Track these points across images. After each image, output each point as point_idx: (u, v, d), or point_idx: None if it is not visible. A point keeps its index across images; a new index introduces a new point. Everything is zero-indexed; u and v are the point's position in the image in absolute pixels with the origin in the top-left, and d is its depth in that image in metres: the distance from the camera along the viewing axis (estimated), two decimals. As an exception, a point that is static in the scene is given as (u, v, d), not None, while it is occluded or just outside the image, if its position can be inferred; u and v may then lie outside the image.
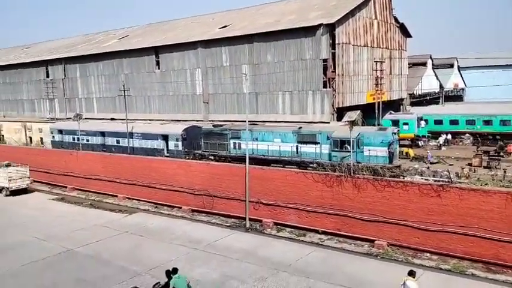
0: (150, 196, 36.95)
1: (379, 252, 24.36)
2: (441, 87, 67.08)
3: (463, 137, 44.53)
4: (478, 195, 22.16)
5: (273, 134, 33.23)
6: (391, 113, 48.01)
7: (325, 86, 39.16)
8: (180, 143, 38.72)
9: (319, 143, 30.89)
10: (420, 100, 60.54)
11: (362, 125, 38.97)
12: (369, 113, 43.66)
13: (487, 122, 43.70)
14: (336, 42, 38.85)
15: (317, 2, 47.02)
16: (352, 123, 37.04)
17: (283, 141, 32.55)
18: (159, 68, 51.63)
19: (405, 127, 43.24)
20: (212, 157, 35.82)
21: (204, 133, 37.15)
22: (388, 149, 28.44)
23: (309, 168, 29.69)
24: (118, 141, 43.61)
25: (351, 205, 26.43)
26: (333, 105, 39.05)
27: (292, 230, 28.46)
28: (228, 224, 30.68)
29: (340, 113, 40.41)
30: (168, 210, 34.89)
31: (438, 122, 46.86)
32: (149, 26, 66.49)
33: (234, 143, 35.06)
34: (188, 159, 36.32)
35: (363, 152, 29.09)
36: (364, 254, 24.44)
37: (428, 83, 63.33)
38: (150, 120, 50.82)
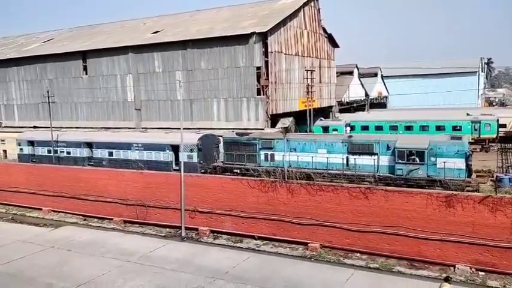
0: (78, 208, 35.06)
1: (312, 255, 25.08)
2: (366, 95, 70.83)
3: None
4: (402, 197, 23.64)
5: (316, 143, 29.17)
6: (321, 120, 49.86)
7: (259, 93, 39.79)
8: (195, 155, 32.90)
9: (376, 153, 27.16)
10: (348, 107, 63.42)
11: (295, 132, 40.06)
12: (300, 119, 44.99)
13: (408, 128, 46.70)
14: (269, 50, 39.69)
15: (250, 10, 47.78)
16: (286, 130, 38.05)
17: (329, 151, 28.49)
18: (86, 74, 49.41)
19: (335, 133, 45.02)
20: (238, 170, 30.87)
21: (226, 143, 32.41)
22: (466, 160, 25.08)
23: (365, 183, 26.14)
24: (111, 153, 37.30)
25: (286, 209, 26.98)
26: (267, 112, 39.75)
27: (229, 237, 28.43)
28: (162, 234, 29.96)
29: (273, 119, 41.25)
30: (98, 222, 33.33)
31: (365, 128, 49.20)
32: (76, 30, 63.47)
33: (266, 154, 30.57)
34: (204, 173, 31.98)
35: (435, 164, 25.24)
36: (298, 257, 25.03)
37: (354, 91, 66.57)
38: (76, 128, 48.38)
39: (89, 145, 39.16)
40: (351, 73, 67.28)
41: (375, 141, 27.55)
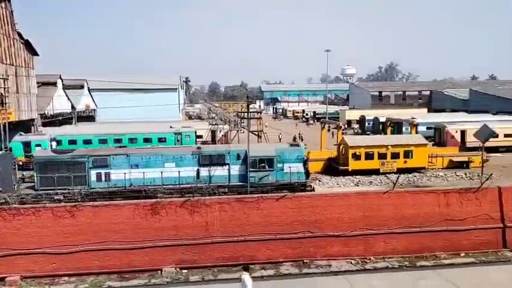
0: None
1: (11, 290, 21.84)
2: (73, 107, 67.65)
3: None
4: (110, 210, 23.61)
5: (162, 157, 26.86)
6: (21, 134, 44.35)
7: None
8: None
9: (227, 163, 27.13)
10: (53, 120, 58.86)
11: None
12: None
13: (118, 140, 47.18)
14: None
15: None
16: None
17: (179, 165, 26.62)
18: None
19: (38, 149, 40.91)
20: (61, 197, 24.82)
21: (39, 163, 26.15)
22: (304, 164, 27.74)
23: (220, 194, 25.77)
24: None
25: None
26: None
27: None
28: None
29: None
30: None
31: (73, 142, 46.74)
32: None
33: (99, 174, 26.09)
34: (4, 204, 23.36)
35: (283, 169, 27.17)
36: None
37: (59, 103, 62.36)
38: None
39: None
40: (54, 84, 62.74)
41: (226, 151, 27.85)
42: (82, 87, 74.50)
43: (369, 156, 32.70)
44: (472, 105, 75.81)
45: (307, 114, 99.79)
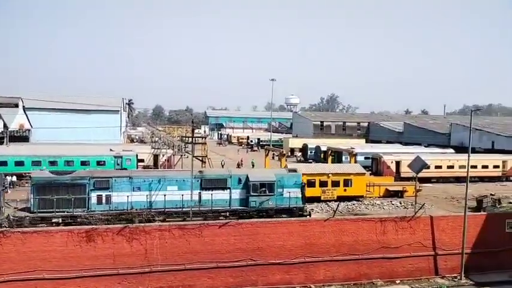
0: None
1: None
2: (5, 126, 63.58)
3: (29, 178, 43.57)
4: (41, 237, 22.11)
5: (166, 180, 26.81)
6: None
7: None
8: None
9: (229, 188, 27.30)
10: (-19, 139, 54.94)
11: None
12: None
13: (53, 163, 44.76)
14: None
15: None
16: None
17: (180, 188, 26.62)
18: None
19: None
20: (58, 220, 24.28)
21: (37, 185, 24.94)
22: (302, 190, 28.54)
23: (221, 218, 26.15)
24: None
25: None
26: None
27: None
28: None
29: None
30: None
31: (2, 164, 43.83)
32: None
33: (99, 196, 25.58)
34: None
35: (282, 194, 27.92)
36: None
37: (-9, 121, 58.51)
38: None
39: None
40: (-15, 101, 58.91)
41: (228, 175, 28.02)
42: (17, 105, 70.42)
43: (311, 184, 33.40)
44: (406, 138, 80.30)
45: (251, 141, 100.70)
